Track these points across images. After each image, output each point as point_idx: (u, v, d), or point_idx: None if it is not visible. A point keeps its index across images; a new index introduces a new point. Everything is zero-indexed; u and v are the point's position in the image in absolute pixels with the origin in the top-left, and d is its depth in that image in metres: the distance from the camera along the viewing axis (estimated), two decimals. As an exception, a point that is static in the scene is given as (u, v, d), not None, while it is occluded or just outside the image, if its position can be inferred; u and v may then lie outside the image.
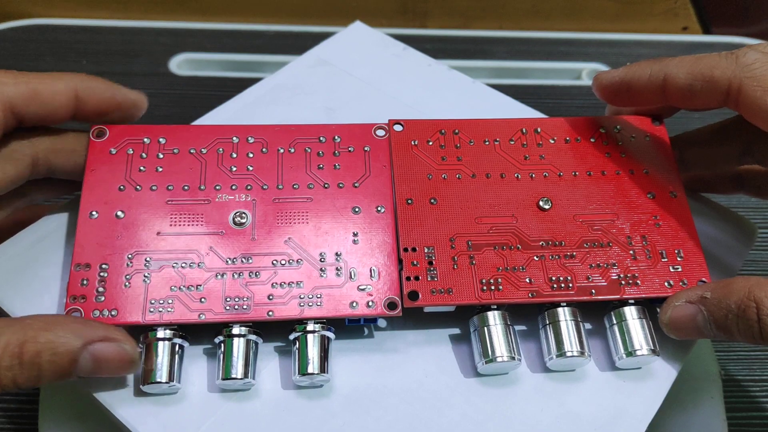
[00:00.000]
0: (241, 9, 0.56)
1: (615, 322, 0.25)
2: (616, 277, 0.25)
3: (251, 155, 0.26)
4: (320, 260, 0.24)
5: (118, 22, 0.54)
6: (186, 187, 0.25)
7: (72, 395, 0.30)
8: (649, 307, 0.25)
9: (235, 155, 0.26)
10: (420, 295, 0.24)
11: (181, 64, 0.52)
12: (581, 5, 0.56)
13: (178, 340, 0.23)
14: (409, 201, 0.26)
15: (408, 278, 0.24)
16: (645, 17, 0.56)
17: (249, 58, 0.52)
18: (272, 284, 0.24)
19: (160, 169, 0.26)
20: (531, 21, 0.56)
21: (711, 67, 0.24)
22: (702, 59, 0.25)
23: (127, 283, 0.23)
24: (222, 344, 0.23)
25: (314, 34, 0.52)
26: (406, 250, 0.25)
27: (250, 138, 0.27)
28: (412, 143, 0.27)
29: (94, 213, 0.24)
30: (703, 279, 0.25)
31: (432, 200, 0.26)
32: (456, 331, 0.25)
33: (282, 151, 0.27)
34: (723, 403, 0.32)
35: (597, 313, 0.26)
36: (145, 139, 0.26)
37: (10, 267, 0.25)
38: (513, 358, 0.24)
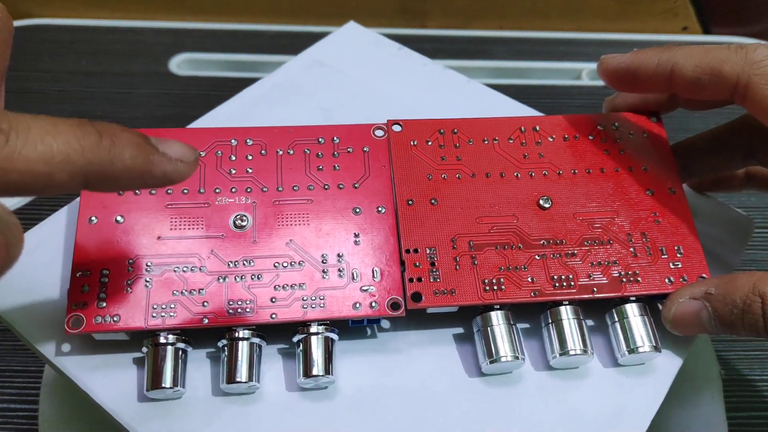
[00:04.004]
0: (241, 9, 0.56)
1: (617, 319, 0.25)
2: (617, 274, 0.25)
3: (250, 157, 0.26)
4: (322, 262, 0.24)
5: (118, 22, 0.54)
6: (185, 191, 0.25)
7: (72, 395, 0.30)
8: (650, 304, 0.25)
9: (234, 158, 0.26)
10: (423, 297, 0.24)
11: (181, 64, 0.51)
12: (581, 5, 0.56)
13: (181, 345, 0.23)
14: (410, 202, 0.26)
15: (411, 280, 0.24)
16: (645, 17, 0.57)
17: (249, 58, 0.52)
18: (275, 286, 0.24)
19: (159, 173, 0.25)
20: (531, 21, 0.56)
21: (720, 61, 0.24)
22: (711, 51, 0.25)
23: (128, 289, 0.23)
24: (225, 348, 0.23)
25: (314, 34, 0.52)
26: (408, 251, 0.25)
27: (248, 140, 0.26)
28: (411, 143, 0.27)
29: (93, 218, 0.24)
30: (703, 275, 0.25)
31: (432, 201, 0.26)
32: (459, 330, 0.25)
33: (281, 152, 0.26)
34: (723, 403, 0.32)
35: (599, 310, 0.26)
36: (144, 143, 0.26)
37: (9, 275, 0.25)
38: (517, 358, 0.24)
